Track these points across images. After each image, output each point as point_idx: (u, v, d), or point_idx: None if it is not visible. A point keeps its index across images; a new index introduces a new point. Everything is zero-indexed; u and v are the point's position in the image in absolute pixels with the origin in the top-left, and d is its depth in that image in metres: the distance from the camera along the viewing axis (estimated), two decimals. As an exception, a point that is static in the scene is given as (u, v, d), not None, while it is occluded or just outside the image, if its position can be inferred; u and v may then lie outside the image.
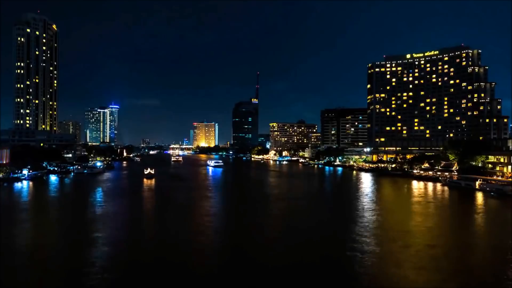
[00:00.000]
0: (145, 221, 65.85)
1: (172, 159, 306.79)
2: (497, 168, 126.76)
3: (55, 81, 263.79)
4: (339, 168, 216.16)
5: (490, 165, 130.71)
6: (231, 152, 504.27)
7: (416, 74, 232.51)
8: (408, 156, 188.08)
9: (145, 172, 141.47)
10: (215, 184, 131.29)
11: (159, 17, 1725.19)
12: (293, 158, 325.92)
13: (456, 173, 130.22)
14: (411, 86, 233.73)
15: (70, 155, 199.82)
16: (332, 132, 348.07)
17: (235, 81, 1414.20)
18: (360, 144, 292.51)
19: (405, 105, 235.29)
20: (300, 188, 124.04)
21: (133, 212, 72.16)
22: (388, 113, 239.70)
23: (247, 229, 58.76)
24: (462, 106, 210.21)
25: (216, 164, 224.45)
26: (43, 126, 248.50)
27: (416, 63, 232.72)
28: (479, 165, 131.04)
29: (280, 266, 39.26)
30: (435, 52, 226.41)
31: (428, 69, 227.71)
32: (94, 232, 53.49)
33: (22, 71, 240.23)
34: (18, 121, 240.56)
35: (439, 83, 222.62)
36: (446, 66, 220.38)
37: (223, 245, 48.63)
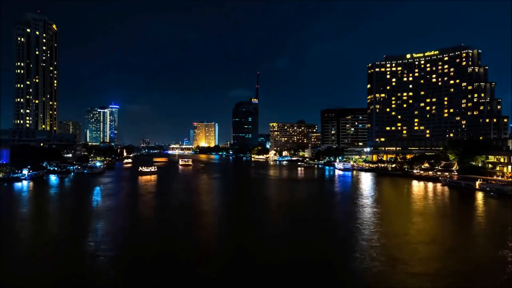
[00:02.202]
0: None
1: None
2: (497, 168, 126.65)
3: (55, 81, 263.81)
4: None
5: (490, 165, 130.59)
6: (231, 152, 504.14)
7: (416, 74, 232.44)
8: (408, 156, 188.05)
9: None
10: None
11: (161, 19, 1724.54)
12: (293, 158, 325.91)
13: (456, 173, 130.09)
14: (411, 86, 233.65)
15: (70, 155, 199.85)
16: (332, 132, 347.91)
17: (236, 82, 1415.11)
18: (360, 144, 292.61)
19: (405, 105, 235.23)
20: (304, 190, 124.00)
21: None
22: (388, 113, 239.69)
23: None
24: (462, 106, 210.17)
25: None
26: (43, 126, 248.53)
27: (416, 63, 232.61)
28: (479, 165, 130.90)
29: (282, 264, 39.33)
30: (435, 52, 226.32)
31: (428, 69, 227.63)
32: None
33: (22, 71, 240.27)
34: (18, 121, 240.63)
35: (439, 83, 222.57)
36: (446, 66, 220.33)
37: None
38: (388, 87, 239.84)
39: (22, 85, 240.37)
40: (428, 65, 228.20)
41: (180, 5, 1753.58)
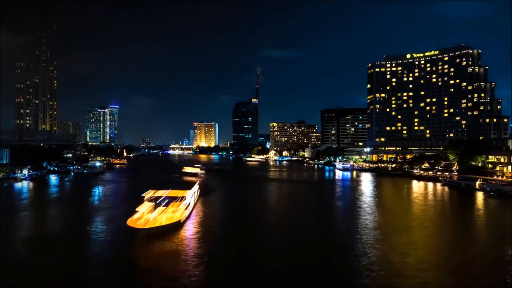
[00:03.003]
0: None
1: None
2: (497, 168, 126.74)
3: (55, 81, 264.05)
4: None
5: (490, 165, 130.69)
6: (231, 152, 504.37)
7: (416, 74, 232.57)
8: (408, 156, 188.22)
9: None
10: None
11: (162, 19, 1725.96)
12: (293, 158, 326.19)
13: (456, 173, 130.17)
14: (411, 86, 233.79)
15: (70, 155, 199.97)
16: (332, 132, 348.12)
17: (235, 82, 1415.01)
18: (360, 144, 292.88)
19: (405, 105, 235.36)
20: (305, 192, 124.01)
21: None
22: (388, 113, 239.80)
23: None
24: (462, 106, 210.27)
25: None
26: (43, 126, 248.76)
27: (416, 63, 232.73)
28: (479, 165, 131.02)
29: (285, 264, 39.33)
30: (435, 52, 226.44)
31: (428, 69, 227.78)
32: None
33: (22, 71, 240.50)
34: (18, 121, 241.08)
35: (439, 83, 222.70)
36: (446, 66, 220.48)
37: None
38: (388, 87, 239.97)
39: (22, 85, 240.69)
40: (428, 65, 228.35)
41: (180, 5, 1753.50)
